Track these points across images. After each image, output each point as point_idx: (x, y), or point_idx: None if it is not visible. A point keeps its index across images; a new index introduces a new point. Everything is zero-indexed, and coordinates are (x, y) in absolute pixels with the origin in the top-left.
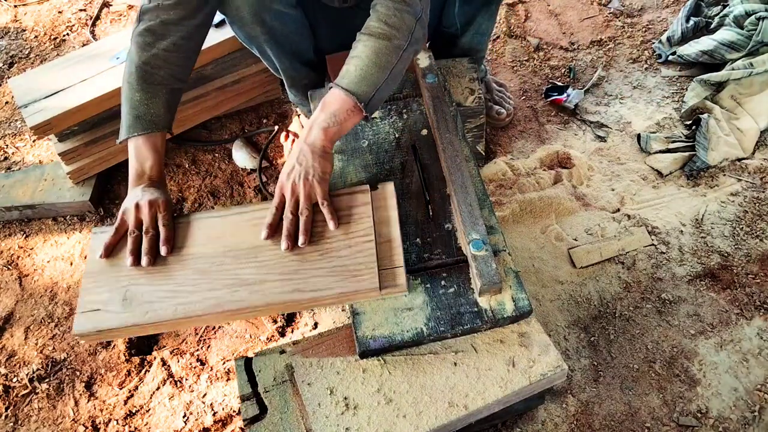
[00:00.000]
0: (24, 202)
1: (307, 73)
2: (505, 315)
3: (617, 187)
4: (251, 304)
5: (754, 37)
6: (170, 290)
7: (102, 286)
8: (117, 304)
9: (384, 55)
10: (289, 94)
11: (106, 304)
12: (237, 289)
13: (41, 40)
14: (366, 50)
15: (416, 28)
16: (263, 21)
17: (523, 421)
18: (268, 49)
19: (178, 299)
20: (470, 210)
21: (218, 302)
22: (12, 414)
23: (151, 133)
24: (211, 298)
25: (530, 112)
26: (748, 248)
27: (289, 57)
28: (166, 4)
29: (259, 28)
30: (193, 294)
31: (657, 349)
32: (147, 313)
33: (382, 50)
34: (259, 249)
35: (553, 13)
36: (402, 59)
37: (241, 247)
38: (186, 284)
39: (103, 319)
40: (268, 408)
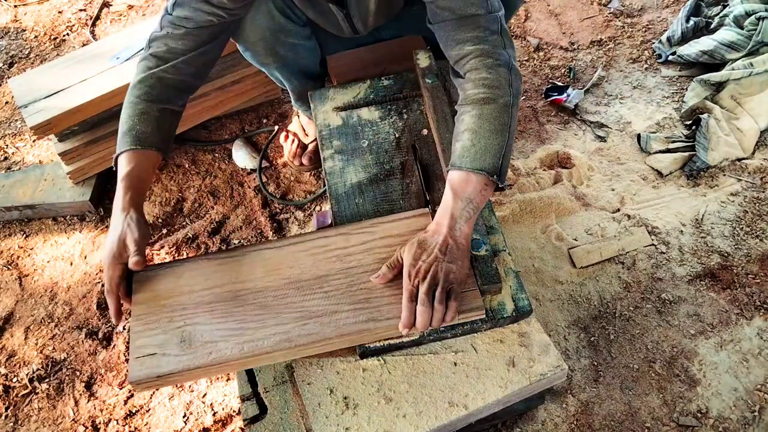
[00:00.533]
0: (24, 202)
1: (313, 85)
2: (505, 315)
3: (617, 187)
4: (324, 337)
5: (754, 37)
6: (232, 328)
7: (154, 328)
8: (174, 346)
9: (496, 119)
10: (294, 104)
11: (161, 346)
12: (306, 322)
13: (41, 40)
14: (476, 120)
15: (512, 79)
16: (276, 53)
17: (523, 421)
18: (277, 73)
19: (244, 337)
20: None
21: (288, 337)
22: (12, 414)
23: (135, 150)
24: (280, 333)
25: (530, 112)
26: (748, 248)
27: (297, 76)
28: (176, 34)
29: (272, 59)
30: (259, 330)
31: (657, 349)
32: (211, 354)
33: (493, 114)
34: (324, 279)
35: (553, 13)
36: (513, 117)
37: (303, 278)
38: (249, 321)
39: (162, 363)
40: (268, 408)
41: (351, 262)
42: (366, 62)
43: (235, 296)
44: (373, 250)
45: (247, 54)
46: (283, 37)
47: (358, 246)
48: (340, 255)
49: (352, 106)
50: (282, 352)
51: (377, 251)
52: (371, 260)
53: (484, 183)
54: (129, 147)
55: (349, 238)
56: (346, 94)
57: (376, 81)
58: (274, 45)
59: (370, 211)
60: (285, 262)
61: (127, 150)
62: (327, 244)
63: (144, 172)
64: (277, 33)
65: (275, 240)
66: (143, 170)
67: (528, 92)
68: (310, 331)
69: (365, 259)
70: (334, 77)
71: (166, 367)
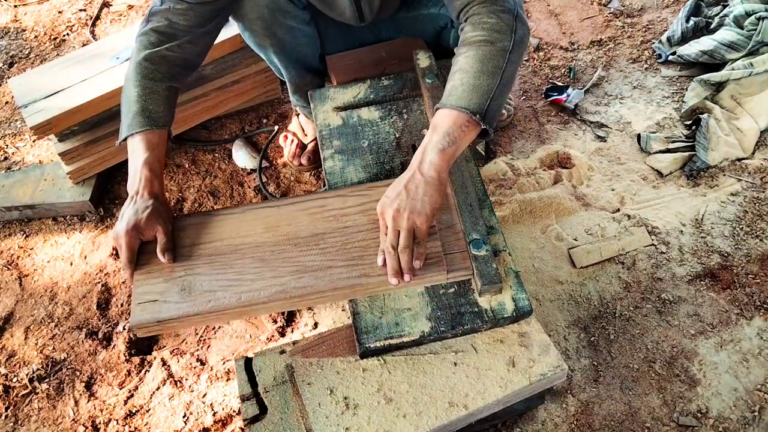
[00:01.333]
0: (24, 202)
1: (312, 79)
2: (505, 315)
3: (617, 187)
4: (318, 289)
5: (754, 37)
6: (231, 279)
7: (156, 277)
8: (175, 294)
9: (490, 60)
10: (291, 98)
11: (163, 294)
12: (302, 275)
13: (41, 40)
14: (469, 60)
15: (516, 26)
16: (274, 34)
17: (523, 421)
18: (275, 59)
19: (242, 287)
20: (470, 210)
21: (283, 288)
22: (12, 414)
23: (150, 130)
24: (276, 285)
25: (530, 112)
26: (748, 248)
27: (295, 66)
28: (177, 9)
29: (269, 40)
30: (256, 282)
31: (657, 349)
32: (209, 302)
33: (487, 56)
34: (320, 236)
35: (553, 13)
36: (510, 61)
37: (301, 236)
38: (247, 272)
39: (162, 309)
40: (268, 408)
41: (347, 222)
42: (366, 62)
43: (234, 250)
44: (369, 211)
45: (246, 34)
46: (281, 18)
47: (354, 207)
48: (336, 215)
49: (352, 106)
50: (278, 302)
51: (372, 213)
52: (366, 221)
53: (466, 120)
54: (144, 128)
55: (346, 200)
56: (346, 94)
57: (376, 81)
58: (272, 25)
59: None
60: (284, 220)
61: (142, 131)
62: (324, 204)
63: (161, 155)
64: (276, 12)
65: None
66: (161, 152)
67: (528, 92)
68: (305, 284)
69: (360, 220)
70: (334, 77)
71: (167, 312)
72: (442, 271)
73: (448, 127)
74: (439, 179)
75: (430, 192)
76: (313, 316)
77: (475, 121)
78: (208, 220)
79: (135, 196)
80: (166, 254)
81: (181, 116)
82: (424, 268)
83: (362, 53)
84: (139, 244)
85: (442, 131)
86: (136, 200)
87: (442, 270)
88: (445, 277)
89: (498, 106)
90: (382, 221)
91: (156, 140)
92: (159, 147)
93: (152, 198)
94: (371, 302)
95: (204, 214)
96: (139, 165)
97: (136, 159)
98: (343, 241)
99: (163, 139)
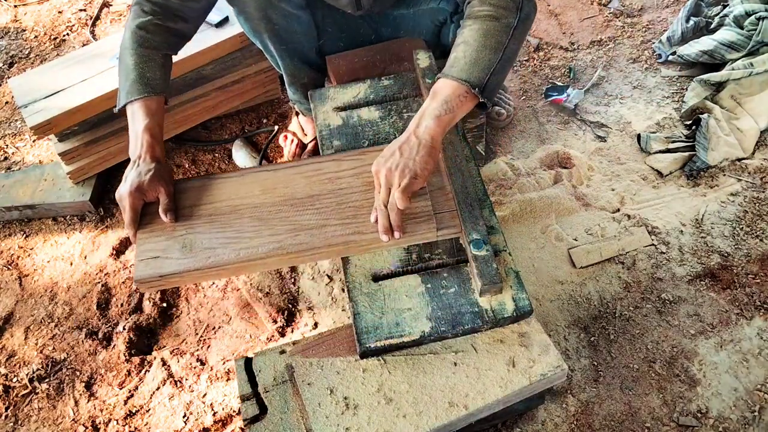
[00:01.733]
0: (24, 202)
1: (308, 72)
2: (505, 315)
3: (617, 187)
4: (313, 246)
5: (754, 37)
6: (230, 237)
7: (158, 236)
8: (176, 251)
9: (493, 35)
10: (288, 91)
11: (165, 251)
12: (298, 233)
13: (41, 40)
14: (473, 34)
15: (523, 3)
16: (269, 18)
17: (523, 421)
18: (270, 45)
19: (240, 244)
20: (470, 210)
21: (280, 245)
22: (12, 414)
23: (148, 96)
24: (273, 242)
25: (530, 112)
26: (748, 248)
27: (291, 55)
28: None
29: (263, 25)
30: (254, 239)
31: (657, 349)
32: (209, 258)
33: (491, 31)
34: (316, 197)
35: (553, 13)
36: (514, 38)
37: (297, 197)
38: (246, 231)
39: (164, 264)
40: (268, 408)
41: (341, 184)
42: (366, 62)
43: (233, 210)
44: (362, 174)
45: (241, 19)
46: (275, 1)
47: (349, 170)
48: (331, 178)
49: (352, 106)
50: (275, 258)
51: (365, 175)
52: (360, 183)
53: (464, 92)
54: (142, 94)
55: (340, 164)
56: (346, 94)
57: (376, 81)
58: (266, 8)
59: None
60: (281, 183)
61: (141, 98)
62: (320, 168)
63: (161, 120)
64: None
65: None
66: (160, 118)
67: (528, 92)
68: (301, 241)
69: (354, 182)
70: (334, 77)
71: (168, 268)
72: (432, 228)
73: (446, 96)
74: (433, 143)
75: (422, 153)
76: (313, 316)
77: (474, 94)
78: (208, 183)
79: (137, 160)
80: (168, 214)
81: (182, 116)
82: (414, 225)
83: (362, 53)
84: (142, 205)
85: (440, 99)
86: (138, 164)
87: (432, 228)
88: (435, 234)
89: (498, 81)
90: (377, 180)
91: (155, 106)
92: (158, 113)
93: (154, 161)
94: (371, 302)
95: (204, 178)
96: (139, 130)
97: (137, 125)
98: (338, 202)
99: (161, 106)
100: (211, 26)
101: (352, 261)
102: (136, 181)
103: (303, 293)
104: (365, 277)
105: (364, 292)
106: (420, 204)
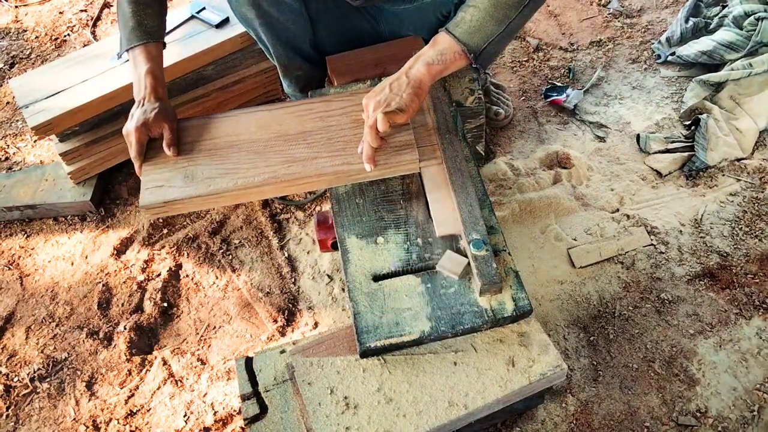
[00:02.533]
0: (25, 202)
1: (301, 63)
2: (505, 315)
3: (616, 187)
4: (305, 175)
5: (753, 37)
6: (228, 168)
7: (162, 168)
8: (179, 180)
9: (503, 8)
10: (283, 84)
11: (168, 180)
12: (291, 164)
13: (42, 41)
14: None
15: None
16: (259, 5)
17: (522, 421)
18: (262, 34)
19: (238, 174)
20: (470, 210)
21: (275, 175)
22: (13, 413)
23: (148, 43)
24: (268, 173)
25: (530, 113)
26: (747, 248)
27: (283, 45)
28: None
29: (254, 11)
30: (250, 170)
31: (656, 349)
32: (209, 186)
33: (502, 3)
34: (307, 133)
35: (552, 13)
36: (522, 14)
37: (290, 133)
38: (242, 163)
39: (168, 192)
40: (269, 407)
41: (331, 122)
42: (366, 62)
43: (231, 145)
44: (351, 113)
45: (231, 4)
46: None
47: (338, 110)
48: (322, 116)
49: None
50: (270, 186)
51: (355, 114)
52: (349, 120)
53: (460, 51)
54: (142, 41)
55: (330, 104)
56: None
57: (377, 81)
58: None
59: (371, 211)
60: (275, 121)
61: (141, 44)
62: (311, 108)
63: (161, 64)
64: None
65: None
66: (160, 62)
67: (527, 93)
68: (294, 171)
69: (343, 120)
70: (334, 78)
71: (172, 195)
72: (415, 160)
73: (443, 48)
74: (421, 85)
75: (410, 91)
76: (313, 316)
77: (468, 58)
78: (208, 122)
79: (142, 100)
80: (171, 148)
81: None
82: (397, 156)
83: (362, 53)
84: (147, 140)
85: (438, 49)
86: (143, 103)
87: (414, 159)
88: (417, 165)
89: (495, 51)
90: (366, 112)
91: (155, 52)
92: (158, 57)
93: (158, 101)
94: (371, 302)
95: (204, 117)
96: (142, 74)
97: (139, 69)
98: (328, 137)
99: (160, 51)
100: (212, 27)
101: (352, 261)
102: (142, 118)
103: (303, 293)
104: (365, 276)
105: (364, 291)
106: (404, 137)
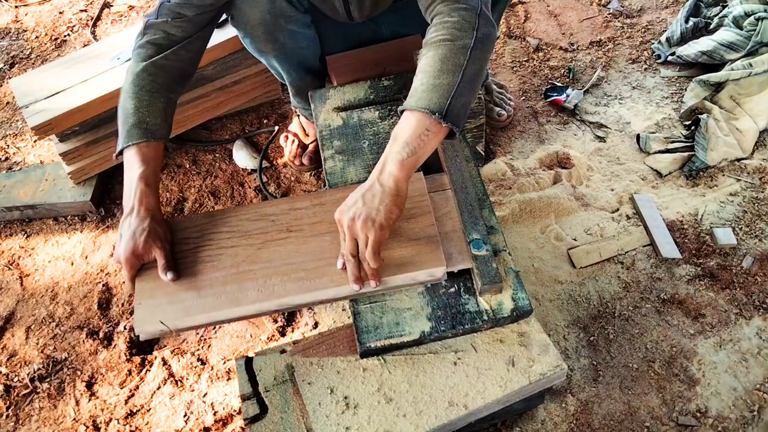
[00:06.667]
0: (25, 202)
1: (312, 80)
2: (505, 315)
3: (616, 187)
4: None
5: (753, 37)
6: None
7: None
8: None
9: (449, 58)
10: (293, 100)
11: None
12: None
13: (42, 41)
14: (429, 61)
15: (479, 24)
16: (276, 39)
17: (522, 421)
18: (276, 63)
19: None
20: (470, 210)
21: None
22: (13, 413)
23: (147, 142)
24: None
25: (530, 113)
26: (747, 248)
27: (296, 69)
28: (175, 21)
29: (271, 45)
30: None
31: (656, 349)
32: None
33: (447, 54)
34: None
35: (552, 13)
36: (473, 58)
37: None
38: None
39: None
40: (269, 407)
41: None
42: (366, 62)
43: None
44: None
45: (247, 41)
46: (283, 23)
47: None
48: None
49: (352, 107)
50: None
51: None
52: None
53: (426, 124)
54: (140, 140)
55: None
56: (347, 95)
57: (377, 81)
58: (274, 30)
59: None
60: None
61: (138, 143)
62: None
63: (157, 168)
64: (278, 18)
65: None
66: (157, 165)
67: (528, 92)
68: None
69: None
70: (334, 78)
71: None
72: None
73: (407, 137)
74: (397, 190)
75: (386, 202)
76: (313, 316)
77: (437, 121)
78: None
79: (131, 213)
80: (168, 273)
81: (182, 116)
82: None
83: (362, 53)
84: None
85: (401, 141)
86: (131, 220)
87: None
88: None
89: (462, 104)
90: (340, 228)
91: (152, 153)
92: (155, 160)
93: (148, 216)
94: (372, 302)
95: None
96: (134, 178)
97: (132, 172)
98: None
99: (159, 152)
100: None
101: None
102: (131, 245)
103: None
104: None
105: None
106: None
